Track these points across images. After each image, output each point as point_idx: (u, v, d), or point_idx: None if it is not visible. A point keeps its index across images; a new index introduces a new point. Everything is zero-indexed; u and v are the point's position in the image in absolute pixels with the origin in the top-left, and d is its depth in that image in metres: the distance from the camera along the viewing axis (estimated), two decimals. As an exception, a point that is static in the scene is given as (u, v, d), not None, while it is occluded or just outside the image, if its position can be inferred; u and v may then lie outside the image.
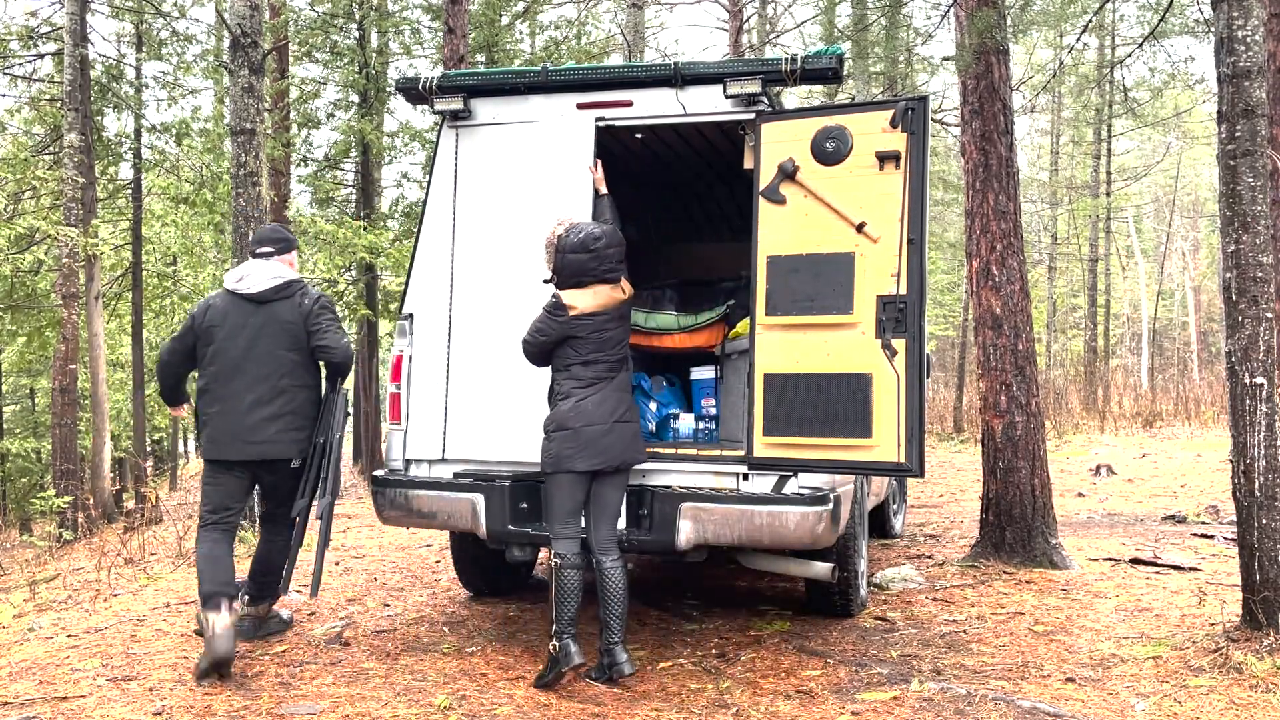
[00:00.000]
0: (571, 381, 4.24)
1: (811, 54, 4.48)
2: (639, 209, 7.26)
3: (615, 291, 4.33)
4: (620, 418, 4.24)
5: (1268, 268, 4.46)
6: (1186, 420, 17.71)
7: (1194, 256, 37.70)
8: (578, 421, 4.16)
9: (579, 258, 4.24)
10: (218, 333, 4.57)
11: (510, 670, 4.45)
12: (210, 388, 4.58)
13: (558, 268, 4.28)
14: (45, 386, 21.09)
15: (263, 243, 4.77)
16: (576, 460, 4.15)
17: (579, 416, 4.17)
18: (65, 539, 11.85)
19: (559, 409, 4.24)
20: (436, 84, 4.83)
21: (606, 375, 4.27)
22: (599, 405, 4.20)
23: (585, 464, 4.16)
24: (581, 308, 4.23)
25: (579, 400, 4.19)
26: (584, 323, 4.23)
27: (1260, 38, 4.52)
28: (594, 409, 4.19)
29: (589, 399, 4.19)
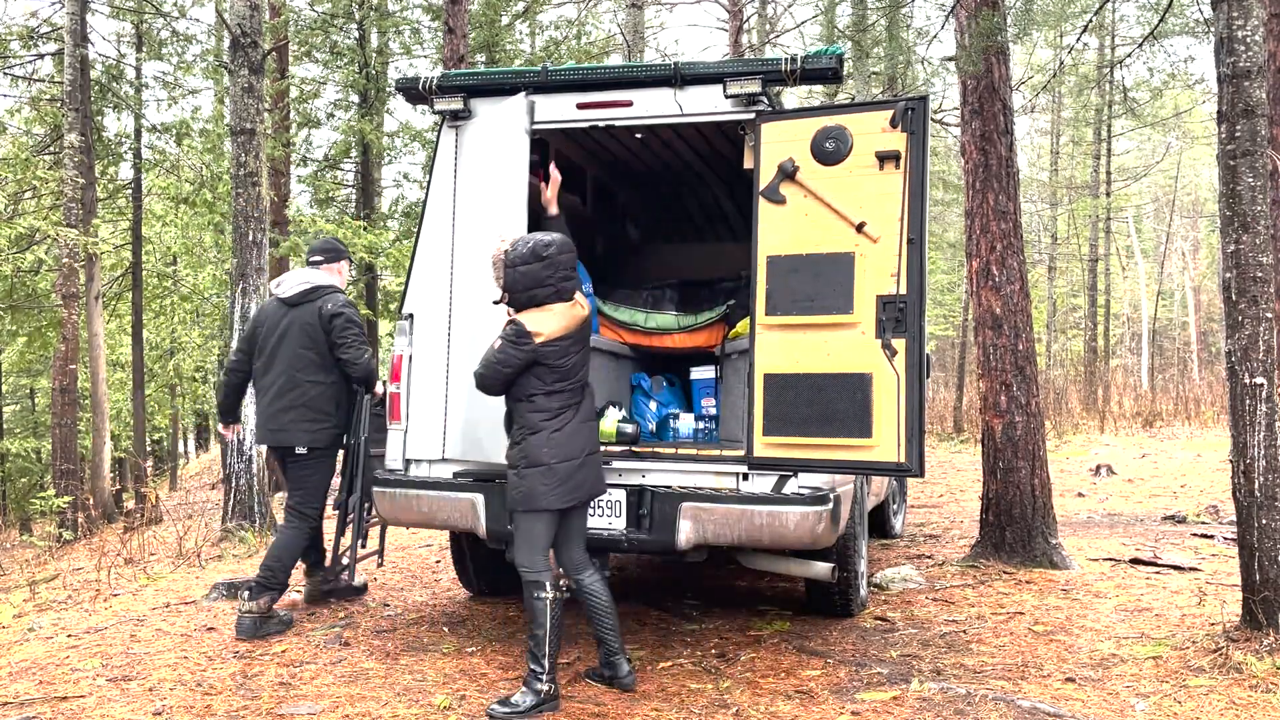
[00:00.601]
0: (538, 414, 4.02)
1: (811, 54, 4.48)
2: (639, 209, 7.27)
3: (574, 309, 4.13)
4: (591, 450, 4.12)
5: (1268, 268, 4.46)
6: (1186, 420, 17.70)
7: (1194, 256, 37.70)
8: (552, 457, 3.98)
9: (531, 268, 4.01)
10: (261, 331, 5.32)
11: (510, 670, 4.45)
12: (255, 380, 5.37)
13: (509, 284, 4.05)
14: (45, 386, 21.10)
15: (313, 252, 5.45)
16: (552, 498, 3.97)
17: (553, 452, 3.98)
18: (65, 539, 11.85)
19: (529, 443, 4.00)
20: (436, 84, 4.83)
21: (571, 403, 4.08)
22: (571, 438, 4.02)
23: (561, 501, 3.99)
24: (547, 333, 3.98)
25: (550, 434, 4.00)
26: (550, 349, 3.99)
27: (1260, 38, 4.52)
28: (567, 442, 4.01)
29: (560, 432, 4.01)
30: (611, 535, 4.46)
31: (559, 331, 4.02)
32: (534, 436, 4.01)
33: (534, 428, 4.02)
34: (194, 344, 21.84)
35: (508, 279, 4.05)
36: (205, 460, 29.94)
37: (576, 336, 4.12)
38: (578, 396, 4.14)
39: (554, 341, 4.00)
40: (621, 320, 5.56)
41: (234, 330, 8.83)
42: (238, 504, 8.66)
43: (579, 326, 4.13)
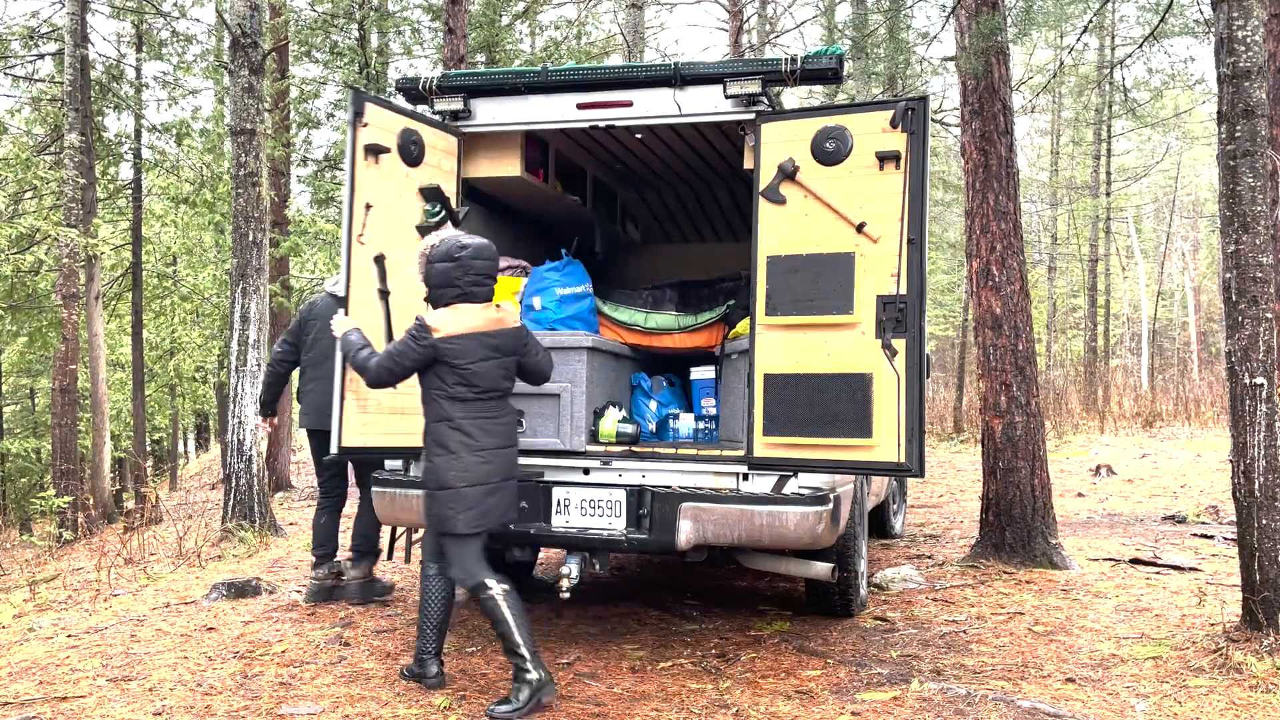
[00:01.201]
0: (445, 427, 3.93)
1: (811, 54, 4.48)
2: (639, 209, 7.27)
3: (487, 312, 4.02)
4: (507, 475, 4.05)
5: (1267, 268, 4.46)
6: (1186, 420, 17.70)
7: (1194, 257, 37.70)
8: (459, 480, 3.90)
9: (443, 266, 3.99)
10: (315, 325, 5.79)
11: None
12: (307, 370, 5.83)
13: (425, 278, 4.07)
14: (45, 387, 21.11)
15: None
16: (458, 522, 3.91)
17: (459, 475, 3.91)
18: (65, 539, 11.85)
19: (436, 464, 3.93)
20: (436, 84, 4.83)
21: (485, 416, 3.98)
22: (482, 463, 3.94)
23: (467, 527, 3.92)
24: (445, 330, 3.90)
25: (459, 456, 3.92)
26: (449, 347, 3.90)
27: (1260, 38, 4.52)
28: (479, 465, 3.93)
29: (472, 452, 3.93)
30: (611, 535, 4.46)
31: (460, 330, 3.93)
32: (439, 459, 3.93)
33: (442, 446, 3.93)
34: (194, 344, 21.84)
35: (425, 274, 4.10)
36: (205, 460, 29.93)
37: (483, 341, 3.97)
38: (492, 412, 4.01)
39: (454, 339, 3.91)
40: (621, 320, 5.55)
41: (234, 330, 8.82)
42: (238, 504, 8.66)
43: (489, 331, 3.99)
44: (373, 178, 4.49)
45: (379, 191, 4.52)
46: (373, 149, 4.48)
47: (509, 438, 4.09)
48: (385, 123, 4.55)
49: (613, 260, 7.00)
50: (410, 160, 4.65)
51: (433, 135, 4.77)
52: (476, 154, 5.10)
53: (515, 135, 5.08)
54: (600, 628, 5.23)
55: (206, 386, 24.97)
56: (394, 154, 4.58)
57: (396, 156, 4.59)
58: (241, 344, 8.77)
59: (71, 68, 13.81)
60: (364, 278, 4.46)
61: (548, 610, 5.57)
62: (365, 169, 4.46)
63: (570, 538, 4.50)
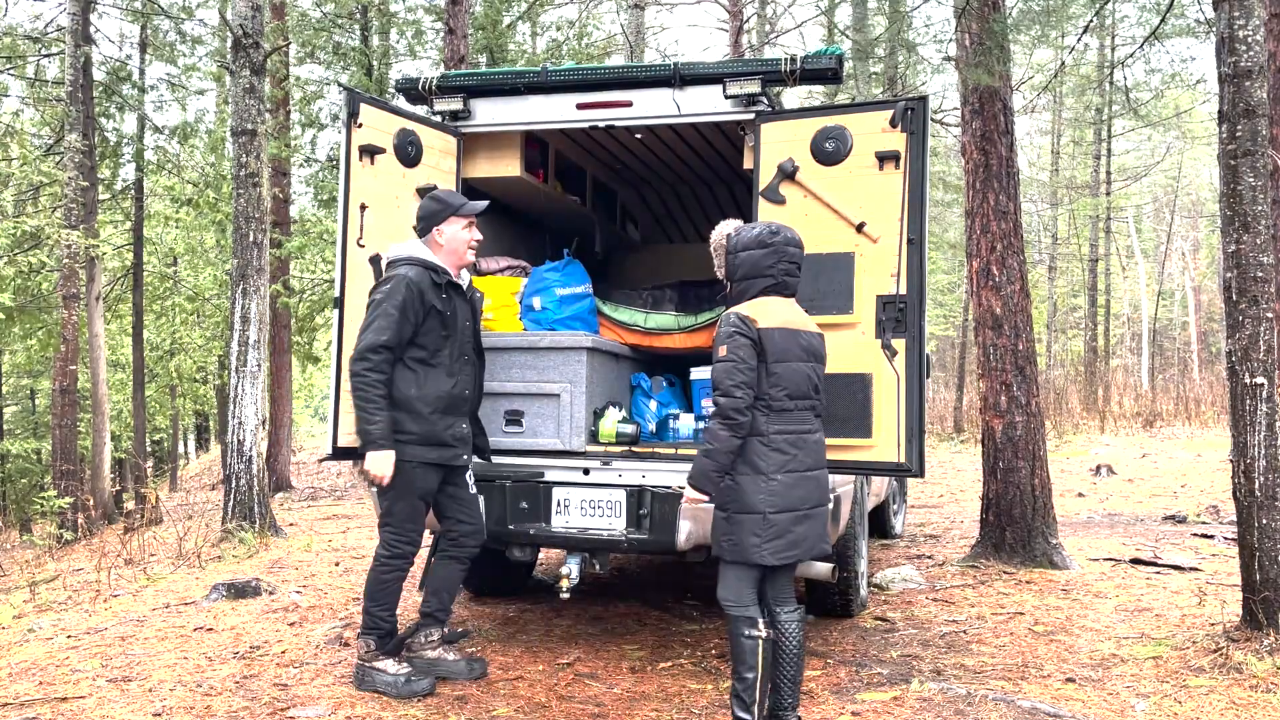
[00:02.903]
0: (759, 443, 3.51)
1: (811, 54, 4.48)
2: (639, 209, 7.27)
3: (796, 310, 3.70)
4: (820, 501, 3.66)
5: (1268, 268, 4.46)
6: (1186, 420, 17.70)
7: (1194, 256, 37.69)
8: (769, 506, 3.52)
9: (752, 254, 3.62)
10: None
11: (510, 670, 4.45)
12: None
13: (728, 271, 3.71)
14: (46, 387, 21.11)
15: (416, 219, 4.40)
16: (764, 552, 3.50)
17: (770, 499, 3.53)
18: (65, 539, 11.85)
19: (742, 483, 3.53)
20: (436, 84, 4.83)
21: (798, 429, 3.59)
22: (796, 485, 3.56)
23: (775, 558, 3.50)
24: (765, 322, 3.53)
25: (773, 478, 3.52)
26: (769, 343, 3.55)
27: (1261, 38, 4.52)
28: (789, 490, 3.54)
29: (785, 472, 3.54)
30: (611, 536, 4.46)
31: (777, 324, 3.55)
32: (745, 479, 3.51)
33: (749, 464, 3.50)
34: (195, 345, 21.85)
35: (726, 266, 3.73)
36: (205, 460, 29.94)
37: (798, 339, 3.60)
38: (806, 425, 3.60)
39: (773, 332, 3.51)
40: (621, 320, 5.54)
41: (234, 331, 8.82)
42: (238, 505, 8.65)
43: (803, 330, 3.65)
44: (368, 178, 4.49)
45: (374, 192, 4.52)
46: (368, 149, 4.48)
47: (820, 458, 3.61)
48: (381, 123, 4.55)
49: (613, 260, 7.00)
50: (407, 161, 4.65)
51: (431, 135, 4.77)
52: (476, 154, 5.10)
53: (515, 135, 5.08)
54: (600, 628, 5.23)
55: (207, 387, 24.98)
56: (390, 155, 4.57)
57: (393, 157, 4.58)
58: (242, 344, 8.77)
59: (73, 68, 13.82)
60: (359, 278, 4.46)
61: (548, 610, 5.57)
62: (360, 170, 4.46)
63: (570, 538, 4.50)
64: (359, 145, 4.45)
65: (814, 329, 3.67)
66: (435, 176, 4.81)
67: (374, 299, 4.11)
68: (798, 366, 3.52)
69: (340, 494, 15.13)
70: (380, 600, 4.18)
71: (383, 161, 4.55)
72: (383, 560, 4.15)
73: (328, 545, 8.33)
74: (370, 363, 3.99)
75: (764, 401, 3.48)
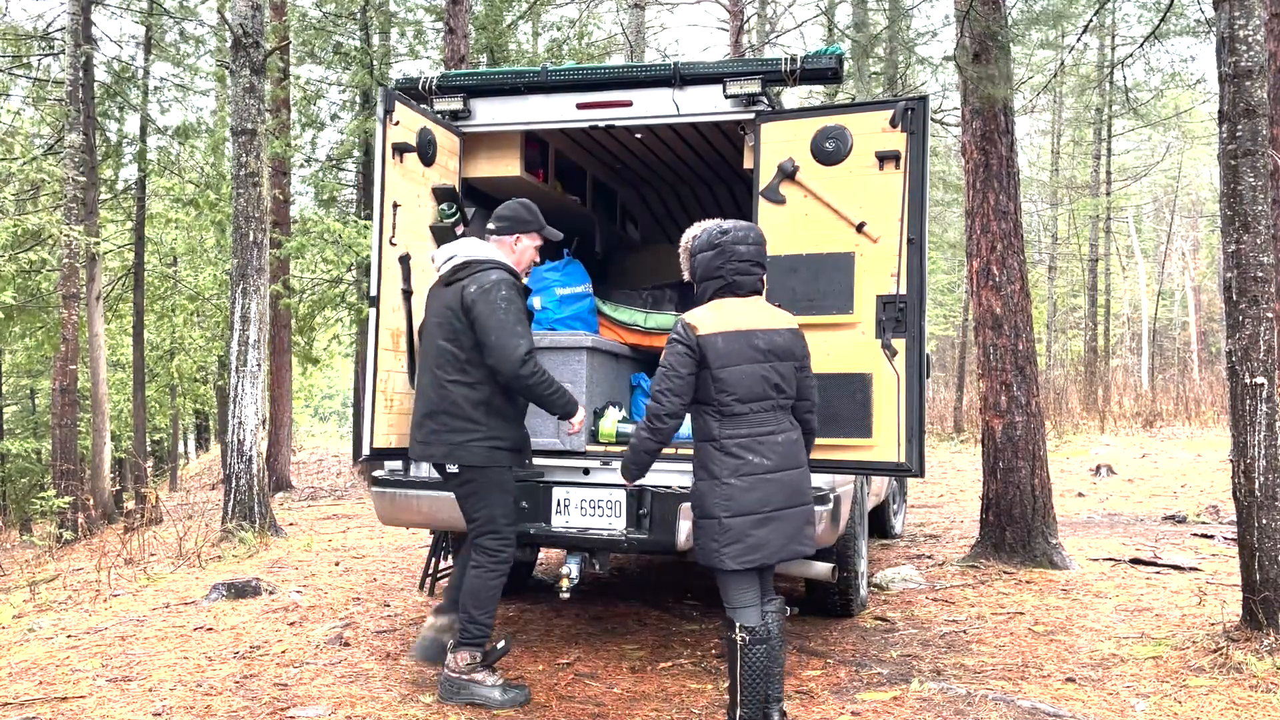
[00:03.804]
0: (712, 449, 3.55)
1: (811, 54, 4.48)
2: (639, 209, 7.26)
3: (752, 306, 3.64)
4: (785, 503, 3.60)
5: (1268, 267, 4.46)
6: (1186, 420, 17.71)
7: (1194, 256, 37.69)
8: (724, 510, 3.54)
9: (705, 256, 3.61)
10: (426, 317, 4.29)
11: (510, 670, 4.45)
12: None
13: (690, 273, 3.73)
14: (46, 387, 21.11)
15: (491, 219, 4.28)
16: (724, 557, 3.53)
17: (725, 504, 3.55)
18: (65, 539, 11.85)
19: (700, 488, 3.58)
20: (436, 84, 4.83)
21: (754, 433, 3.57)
22: (750, 488, 3.54)
23: (734, 563, 3.46)
24: (705, 329, 3.52)
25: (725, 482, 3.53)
26: (710, 349, 3.54)
27: (1261, 38, 4.52)
28: (744, 493, 3.52)
29: (738, 475, 3.53)
30: (611, 535, 4.46)
31: (720, 329, 3.53)
32: (701, 484, 3.54)
33: (704, 469, 3.53)
34: (195, 344, 21.85)
35: (689, 268, 3.75)
36: (205, 460, 29.94)
37: (749, 341, 3.56)
38: (765, 427, 3.54)
39: (713, 338, 3.51)
40: (621, 320, 5.54)
41: (235, 330, 8.82)
42: (238, 504, 8.66)
43: (758, 330, 3.60)
44: (398, 177, 4.51)
45: (404, 191, 4.55)
46: (399, 148, 4.49)
47: (789, 458, 3.51)
48: (410, 121, 4.57)
49: (613, 260, 7.00)
50: (426, 160, 4.66)
51: (442, 134, 4.79)
52: (476, 154, 5.10)
53: (515, 135, 5.08)
54: (600, 628, 5.23)
55: (207, 387, 24.98)
56: (414, 153, 4.59)
57: (415, 156, 4.60)
58: (242, 344, 8.77)
59: (73, 67, 13.82)
60: (392, 278, 4.47)
61: (548, 610, 5.57)
62: (392, 168, 4.47)
63: (570, 538, 4.50)
64: (393, 143, 4.46)
65: (780, 325, 3.55)
66: (445, 176, 4.82)
67: (494, 302, 3.93)
68: (749, 369, 3.45)
69: (340, 494, 15.13)
70: (487, 608, 4.09)
71: (409, 160, 4.57)
72: (490, 567, 4.07)
73: (328, 545, 8.34)
74: (532, 364, 3.93)
75: (713, 407, 3.46)
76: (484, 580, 4.06)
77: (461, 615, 4.10)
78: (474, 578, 4.07)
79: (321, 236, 14.95)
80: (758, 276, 3.58)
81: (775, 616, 3.53)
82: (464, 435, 3.99)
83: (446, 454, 4.02)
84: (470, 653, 4.05)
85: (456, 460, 4.02)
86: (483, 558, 4.08)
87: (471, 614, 4.06)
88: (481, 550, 4.09)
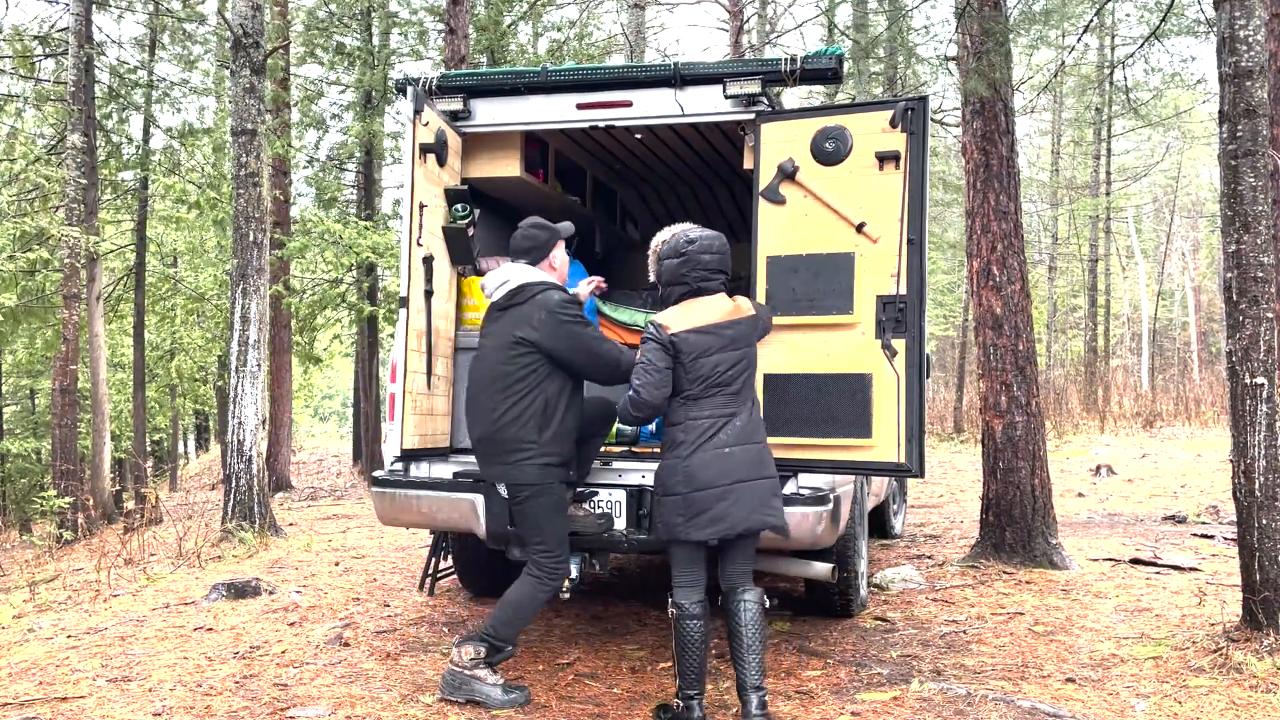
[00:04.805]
0: (672, 428, 3.81)
1: (811, 54, 4.48)
2: (639, 209, 7.27)
3: (718, 305, 3.88)
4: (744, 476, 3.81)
5: (1269, 268, 4.46)
6: (1186, 420, 17.71)
7: (1194, 257, 37.70)
8: (684, 486, 3.79)
9: (671, 263, 3.86)
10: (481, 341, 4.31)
11: (510, 671, 4.44)
12: None
13: (657, 276, 3.96)
14: (46, 387, 21.11)
15: (514, 254, 4.25)
16: (682, 528, 3.80)
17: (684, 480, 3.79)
18: (65, 539, 11.85)
19: (661, 466, 3.84)
20: (436, 84, 4.83)
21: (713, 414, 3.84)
22: (705, 465, 3.79)
23: (688, 534, 3.72)
24: (676, 327, 3.77)
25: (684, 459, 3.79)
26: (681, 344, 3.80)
27: (1262, 38, 4.51)
28: (701, 470, 3.78)
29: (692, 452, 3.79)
30: (612, 536, 4.46)
31: (689, 326, 3.78)
32: (664, 462, 3.81)
33: (667, 448, 3.81)
34: (195, 345, 21.85)
35: (656, 271, 3.99)
36: (205, 460, 29.95)
37: (718, 333, 3.82)
38: (723, 409, 3.78)
39: (684, 335, 3.76)
40: (621, 320, 5.54)
41: (234, 330, 8.82)
42: (238, 504, 8.66)
43: (723, 323, 3.86)
44: (422, 178, 4.53)
45: (427, 192, 4.58)
46: (425, 148, 4.53)
47: (748, 435, 3.72)
48: (432, 121, 4.60)
49: (613, 260, 7.00)
50: (441, 160, 4.69)
51: (450, 135, 4.82)
52: (476, 154, 5.10)
53: (515, 135, 5.08)
54: (600, 628, 5.23)
55: (207, 387, 24.99)
56: (433, 154, 4.61)
57: (434, 156, 4.62)
58: (242, 344, 8.77)
59: (75, 68, 13.82)
60: (418, 279, 4.51)
61: (548, 610, 5.57)
62: (419, 168, 4.50)
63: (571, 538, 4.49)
64: (420, 143, 4.48)
65: (741, 315, 3.81)
66: (454, 177, 4.85)
67: (564, 323, 4.00)
68: (716, 358, 3.73)
69: (340, 494, 15.14)
70: (525, 618, 4.11)
71: (430, 161, 4.61)
72: (544, 581, 4.07)
73: (328, 545, 8.34)
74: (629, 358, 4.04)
75: (682, 394, 3.75)
76: (535, 593, 4.08)
77: (496, 613, 4.09)
78: (526, 588, 4.09)
79: (322, 237, 14.96)
80: (720, 282, 3.85)
81: (752, 605, 3.72)
82: (518, 455, 4.01)
83: (502, 475, 4.08)
84: (476, 648, 4.05)
85: (511, 480, 4.05)
86: (539, 573, 4.09)
87: (508, 617, 4.07)
88: (538, 566, 4.10)
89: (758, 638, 3.69)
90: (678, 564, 3.79)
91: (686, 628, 3.71)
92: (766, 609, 3.80)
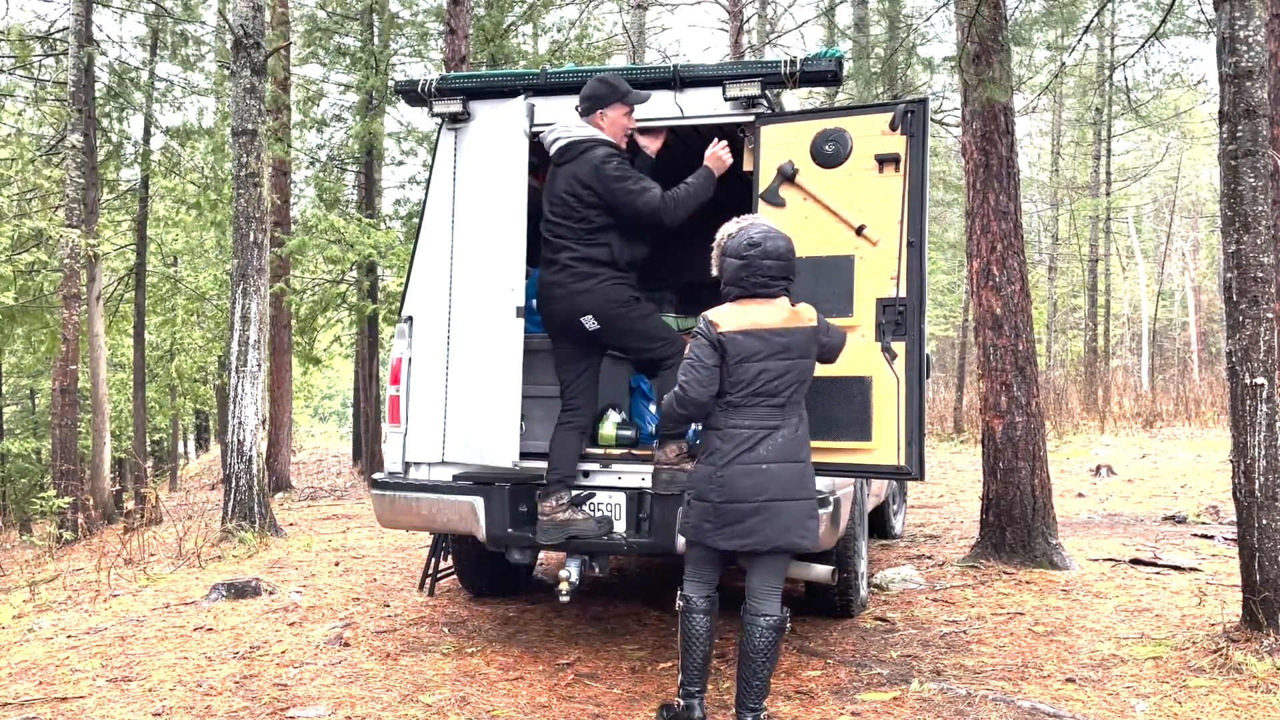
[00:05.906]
0: (712, 434, 3.76)
1: (811, 56, 4.48)
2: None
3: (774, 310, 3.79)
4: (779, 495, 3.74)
5: (1268, 268, 4.46)
6: (1186, 420, 17.71)
7: (1194, 257, 37.69)
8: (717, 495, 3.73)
9: (732, 263, 3.80)
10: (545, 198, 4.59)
11: (510, 670, 4.45)
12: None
13: (719, 270, 3.89)
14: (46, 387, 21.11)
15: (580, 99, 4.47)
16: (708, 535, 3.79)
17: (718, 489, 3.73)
18: (65, 539, 11.85)
19: (696, 470, 3.80)
20: (435, 86, 4.82)
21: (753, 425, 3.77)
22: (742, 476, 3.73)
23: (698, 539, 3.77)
24: (726, 325, 3.70)
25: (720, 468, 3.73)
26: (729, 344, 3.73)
27: (1262, 38, 4.52)
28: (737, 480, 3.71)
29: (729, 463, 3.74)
30: (612, 539, 4.46)
31: (741, 327, 3.70)
32: (699, 467, 3.76)
33: (704, 452, 3.74)
34: (195, 345, 21.85)
35: (718, 265, 3.92)
36: (205, 460, 29.95)
37: (768, 339, 3.73)
38: (767, 420, 3.68)
39: (733, 335, 3.69)
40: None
41: (234, 330, 8.83)
42: (238, 504, 8.66)
43: (777, 329, 3.77)
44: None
45: None
46: None
47: (791, 453, 3.61)
48: None
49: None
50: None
51: None
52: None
53: None
54: (600, 628, 5.23)
55: (207, 387, 24.99)
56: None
57: None
58: (242, 344, 8.77)
59: (75, 68, 13.82)
60: None
61: (548, 610, 5.57)
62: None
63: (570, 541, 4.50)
64: None
65: (801, 324, 3.67)
66: None
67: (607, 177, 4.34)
68: (762, 365, 3.61)
69: (340, 494, 15.14)
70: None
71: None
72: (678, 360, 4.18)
73: (328, 545, 8.34)
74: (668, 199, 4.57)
75: (724, 398, 3.65)
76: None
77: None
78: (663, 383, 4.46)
79: (324, 234, 14.95)
80: (782, 287, 3.74)
81: (771, 630, 3.62)
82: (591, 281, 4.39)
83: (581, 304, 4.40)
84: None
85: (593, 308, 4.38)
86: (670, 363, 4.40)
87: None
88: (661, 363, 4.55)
89: (766, 665, 3.61)
90: (692, 560, 3.79)
91: (693, 621, 3.70)
92: (784, 631, 3.69)
